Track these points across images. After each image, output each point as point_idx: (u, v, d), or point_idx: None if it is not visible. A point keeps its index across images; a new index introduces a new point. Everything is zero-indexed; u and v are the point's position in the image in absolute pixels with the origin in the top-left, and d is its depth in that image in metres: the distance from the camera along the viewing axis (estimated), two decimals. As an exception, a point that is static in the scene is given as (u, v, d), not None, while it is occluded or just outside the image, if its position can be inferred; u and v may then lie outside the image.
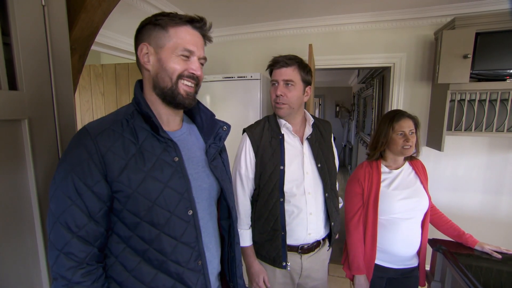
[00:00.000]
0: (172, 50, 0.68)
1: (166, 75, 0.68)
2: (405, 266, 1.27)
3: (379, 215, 1.23)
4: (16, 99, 0.66)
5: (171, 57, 0.68)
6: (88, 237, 0.61)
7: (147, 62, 0.69)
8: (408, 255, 1.25)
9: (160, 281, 0.68)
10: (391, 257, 1.26)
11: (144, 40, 0.69)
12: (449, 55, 1.77)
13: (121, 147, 0.64)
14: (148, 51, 0.68)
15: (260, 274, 1.16)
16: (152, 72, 0.70)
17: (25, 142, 0.69)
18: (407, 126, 1.22)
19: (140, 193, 0.64)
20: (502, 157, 2.09)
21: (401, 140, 1.23)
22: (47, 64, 0.74)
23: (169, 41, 0.68)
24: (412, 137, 1.23)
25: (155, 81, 0.70)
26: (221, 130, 0.82)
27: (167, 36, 0.68)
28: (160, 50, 0.68)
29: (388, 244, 1.24)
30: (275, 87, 1.12)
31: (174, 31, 0.68)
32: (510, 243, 1.34)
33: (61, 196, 0.60)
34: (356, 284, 1.27)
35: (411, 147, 1.22)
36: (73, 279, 0.59)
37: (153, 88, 0.71)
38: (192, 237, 0.71)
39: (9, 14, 0.64)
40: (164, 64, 0.68)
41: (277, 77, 1.11)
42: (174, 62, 0.68)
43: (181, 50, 0.68)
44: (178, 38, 0.68)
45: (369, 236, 1.24)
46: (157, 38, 0.68)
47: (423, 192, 1.25)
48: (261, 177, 1.13)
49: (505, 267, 1.12)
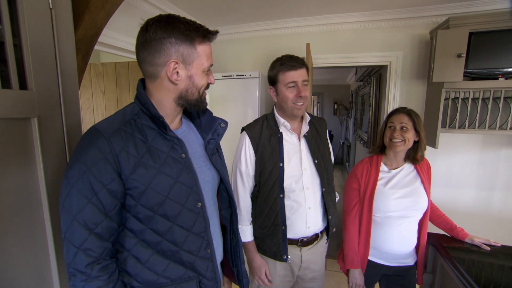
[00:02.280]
0: (200, 66, 0.73)
1: (196, 90, 0.74)
2: (399, 264, 1.29)
3: (374, 212, 1.25)
4: (26, 98, 0.69)
5: (200, 74, 0.73)
6: (104, 234, 0.65)
7: (177, 78, 0.71)
8: (402, 254, 1.26)
9: (173, 270, 0.73)
10: (384, 254, 1.28)
11: (172, 55, 0.69)
12: (444, 54, 1.81)
13: (133, 146, 0.67)
14: (177, 66, 0.70)
15: (262, 267, 1.20)
16: (181, 86, 0.72)
17: (34, 139, 0.72)
18: (398, 120, 1.22)
19: (153, 189, 0.68)
20: (495, 154, 2.14)
21: (389, 132, 1.24)
22: (54, 64, 0.77)
23: (197, 58, 0.71)
24: (404, 132, 1.20)
25: (183, 94, 0.73)
26: (219, 127, 0.86)
27: (195, 53, 0.71)
28: (189, 67, 0.71)
29: (381, 241, 1.26)
30: (296, 88, 1.12)
31: (202, 49, 0.72)
32: (501, 237, 1.39)
33: (77, 195, 0.62)
34: (351, 277, 1.31)
35: (402, 142, 1.20)
36: (92, 274, 0.63)
37: (177, 98, 0.74)
38: (201, 227, 0.76)
39: (19, 17, 0.67)
40: (195, 81, 0.73)
41: (297, 78, 1.12)
42: (202, 79, 0.74)
43: (207, 67, 0.74)
44: (204, 55, 0.73)
45: (363, 232, 1.27)
46: (186, 55, 0.70)
47: (421, 192, 1.24)
48: (261, 175, 1.16)
49: (497, 260, 1.17)
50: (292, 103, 1.13)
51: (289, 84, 1.12)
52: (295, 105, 1.13)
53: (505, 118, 1.87)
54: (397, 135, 1.20)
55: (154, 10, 1.98)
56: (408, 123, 1.21)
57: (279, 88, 1.15)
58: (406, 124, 1.21)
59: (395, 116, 1.25)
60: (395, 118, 1.24)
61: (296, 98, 1.12)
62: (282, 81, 1.13)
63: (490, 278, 1.05)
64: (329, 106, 7.30)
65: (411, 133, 1.21)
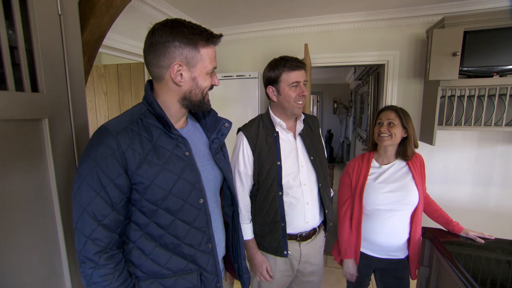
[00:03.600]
0: (203, 69, 0.75)
1: (199, 92, 0.77)
2: (389, 257, 1.33)
3: (364, 206, 1.31)
4: (38, 100, 0.73)
5: (204, 76, 0.76)
6: (111, 225, 0.69)
7: (180, 80, 0.74)
8: (391, 246, 1.30)
9: (175, 262, 0.77)
10: (374, 246, 1.33)
11: (176, 57, 0.72)
12: (439, 53, 1.85)
13: (139, 144, 0.71)
14: (180, 69, 0.73)
15: (263, 264, 1.23)
16: (184, 87, 0.75)
17: (45, 139, 0.76)
18: (386, 116, 1.29)
19: (157, 184, 0.72)
20: (491, 150, 2.18)
21: (377, 128, 1.31)
22: (63, 68, 0.81)
23: (200, 61, 0.74)
24: (391, 127, 1.26)
25: (187, 95, 0.77)
26: (223, 127, 0.90)
27: (199, 56, 0.74)
28: (193, 69, 0.74)
29: (370, 233, 1.32)
30: (299, 88, 1.17)
31: (205, 52, 0.74)
32: (497, 232, 1.42)
33: (87, 189, 0.66)
34: (344, 267, 1.37)
35: (389, 137, 1.26)
36: (100, 262, 0.67)
37: (181, 99, 0.77)
38: (203, 222, 0.80)
39: (30, 23, 0.71)
40: (198, 83, 0.76)
41: (300, 78, 1.16)
42: (205, 80, 0.77)
43: (211, 69, 0.77)
44: (208, 58, 0.75)
45: (355, 224, 1.33)
46: (189, 58, 0.73)
47: (412, 188, 1.27)
48: (259, 174, 1.20)
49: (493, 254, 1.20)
50: (294, 102, 1.17)
51: (293, 84, 1.16)
52: (296, 104, 1.18)
53: (500, 115, 1.90)
54: (384, 130, 1.27)
55: (155, 12, 2.02)
56: (395, 119, 1.27)
57: (282, 87, 1.17)
58: (393, 120, 1.27)
59: (383, 113, 1.32)
60: (383, 114, 1.31)
61: (298, 97, 1.17)
62: (286, 80, 1.16)
63: (487, 271, 1.07)
64: (328, 105, 7.33)
65: (398, 128, 1.27)
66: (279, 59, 1.18)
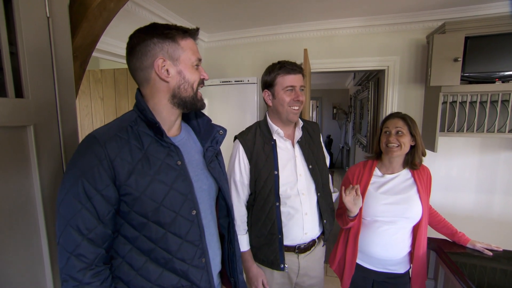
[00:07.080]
0: (187, 61, 0.73)
1: (188, 86, 0.74)
2: (386, 271, 1.26)
3: (363, 215, 1.25)
4: (22, 106, 0.69)
5: (190, 68, 0.73)
6: (97, 239, 0.64)
7: (167, 75, 0.71)
8: (389, 260, 1.24)
9: (166, 278, 0.72)
10: (370, 258, 1.27)
11: (157, 53, 0.70)
12: (440, 58, 1.82)
13: (128, 152, 0.67)
14: (165, 64, 0.70)
15: (258, 277, 1.18)
16: (172, 83, 0.73)
17: (30, 148, 0.71)
18: (393, 124, 1.22)
19: (147, 195, 0.67)
20: (494, 157, 2.14)
21: (385, 138, 1.24)
22: (51, 72, 0.77)
23: (182, 53, 0.72)
24: (400, 136, 1.20)
25: (176, 92, 0.73)
26: (217, 134, 0.86)
27: (179, 48, 0.72)
28: (177, 62, 0.72)
29: (367, 245, 1.25)
30: (294, 92, 1.13)
31: (185, 43, 0.73)
32: (502, 241, 1.38)
33: (71, 200, 0.62)
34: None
35: (398, 148, 1.19)
36: (84, 280, 0.62)
37: (171, 97, 0.74)
38: (196, 235, 0.75)
39: (15, 25, 0.67)
40: (186, 76, 0.73)
41: (295, 83, 1.12)
42: (192, 74, 0.74)
43: (195, 60, 0.74)
44: (189, 49, 0.73)
45: (352, 233, 1.27)
46: (170, 52, 0.71)
47: (415, 202, 1.20)
48: (256, 183, 1.15)
49: (499, 265, 1.15)
50: (288, 106, 1.13)
51: (288, 88, 1.12)
52: (291, 109, 1.13)
53: (503, 121, 1.87)
54: (393, 140, 1.20)
55: (152, 16, 2.00)
56: (403, 127, 1.21)
57: (276, 90, 1.14)
58: (401, 128, 1.21)
59: (390, 121, 1.25)
60: (390, 123, 1.24)
61: (293, 101, 1.12)
62: (280, 83, 1.13)
63: (493, 283, 1.04)
64: (328, 110, 7.32)
65: (406, 137, 1.21)
66: (276, 63, 1.16)
